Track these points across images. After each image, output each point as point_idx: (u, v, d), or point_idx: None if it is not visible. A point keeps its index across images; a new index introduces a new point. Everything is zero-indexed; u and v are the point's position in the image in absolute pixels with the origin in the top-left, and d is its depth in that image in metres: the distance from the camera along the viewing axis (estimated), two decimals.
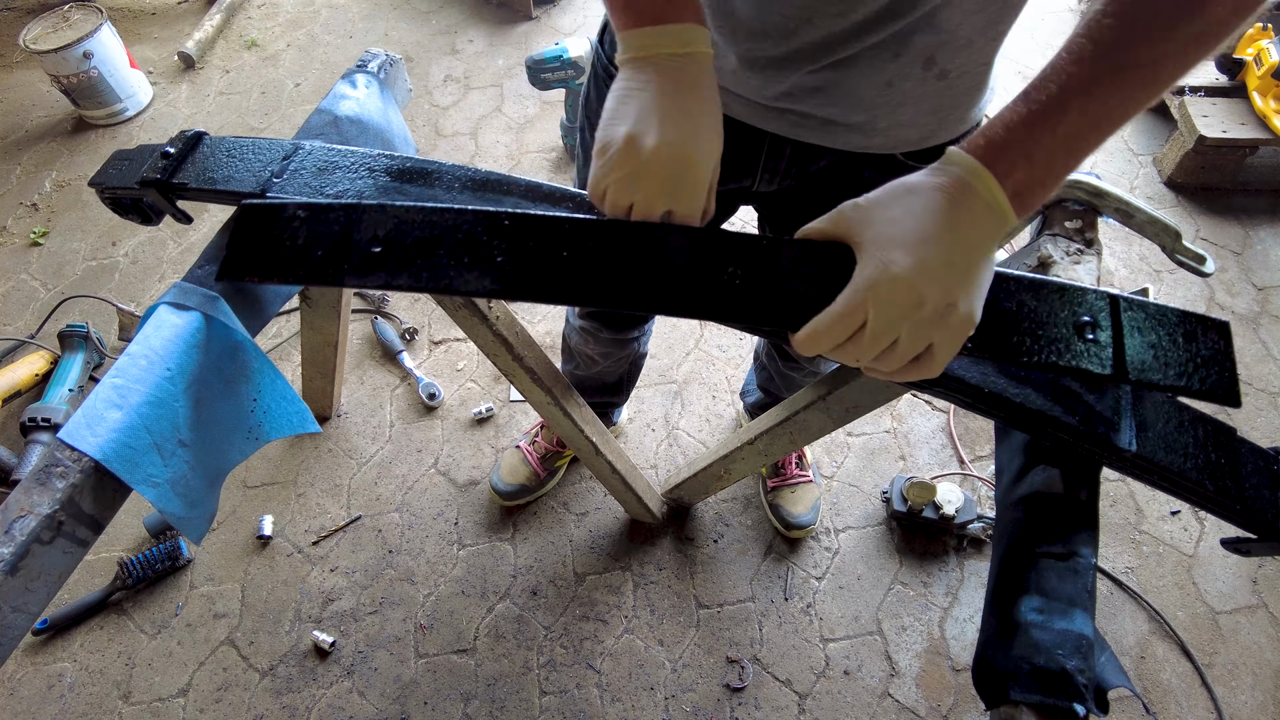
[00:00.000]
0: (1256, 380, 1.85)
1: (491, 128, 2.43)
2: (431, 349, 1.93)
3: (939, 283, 0.52)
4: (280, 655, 1.48)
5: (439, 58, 2.66)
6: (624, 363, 1.45)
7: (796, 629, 1.51)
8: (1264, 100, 2.06)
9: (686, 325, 1.95)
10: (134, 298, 2.03)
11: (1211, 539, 1.61)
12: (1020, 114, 0.53)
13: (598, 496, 1.68)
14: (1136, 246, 2.09)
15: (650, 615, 1.53)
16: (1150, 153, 2.31)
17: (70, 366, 1.80)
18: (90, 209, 2.24)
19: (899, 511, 1.57)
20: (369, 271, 0.69)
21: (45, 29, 2.34)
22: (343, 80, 1.15)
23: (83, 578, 1.57)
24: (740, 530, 1.63)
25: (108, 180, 0.95)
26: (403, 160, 0.83)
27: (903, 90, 0.75)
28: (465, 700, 1.43)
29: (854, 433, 1.78)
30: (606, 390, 1.54)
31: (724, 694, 1.44)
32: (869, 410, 1.03)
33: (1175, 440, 0.66)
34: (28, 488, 0.70)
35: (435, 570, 1.58)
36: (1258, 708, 1.42)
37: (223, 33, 2.81)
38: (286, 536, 1.63)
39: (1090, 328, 0.62)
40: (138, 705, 1.43)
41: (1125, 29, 0.51)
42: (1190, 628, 1.51)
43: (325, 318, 1.48)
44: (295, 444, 1.77)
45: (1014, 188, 0.53)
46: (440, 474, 1.72)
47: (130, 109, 2.50)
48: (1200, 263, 0.86)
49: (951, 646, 1.49)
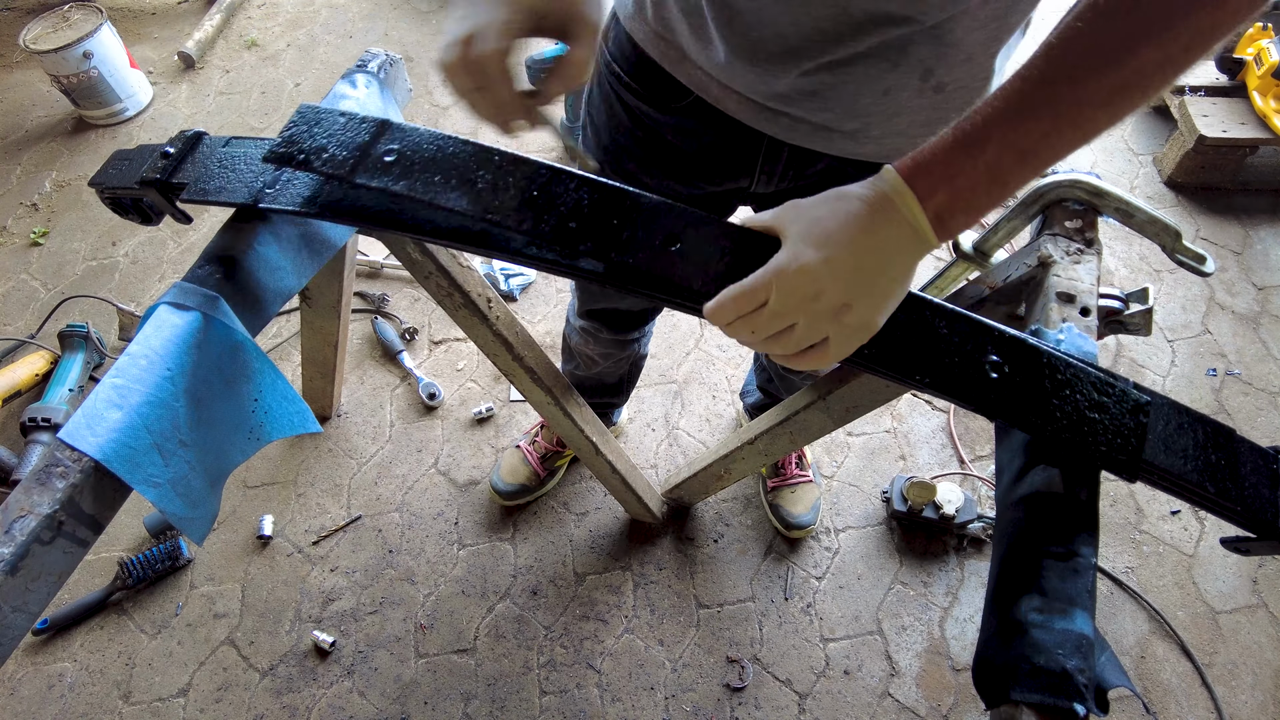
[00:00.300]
0: (1257, 380, 1.85)
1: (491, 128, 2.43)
2: (431, 349, 1.93)
3: (840, 282, 0.54)
4: (280, 655, 1.48)
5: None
6: (624, 364, 1.45)
7: (796, 629, 1.51)
8: (1264, 100, 2.06)
9: (687, 325, 1.95)
10: (134, 298, 2.03)
11: (1211, 538, 1.62)
12: (947, 139, 0.54)
13: (598, 496, 1.68)
14: (1137, 246, 2.09)
15: (650, 615, 1.53)
16: (1150, 152, 2.31)
17: (70, 366, 1.80)
18: (90, 209, 2.24)
19: (899, 511, 1.58)
20: (376, 174, 0.75)
21: (45, 29, 2.34)
22: (343, 80, 1.14)
23: (83, 578, 1.57)
24: (740, 530, 1.63)
25: (108, 180, 0.95)
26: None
27: (899, 100, 0.75)
28: (465, 700, 1.43)
29: (854, 432, 1.78)
30: (606, 391, 1.54)
31: (724, 694, 1.44)
32: (869, 410, 1.03)
33: (1175, 442, 0.66)
34: (28, 488, 0.70)
35: (435, 570, 1.58)
36: (1258, 707, 1.42)
37: (223, 32, 2.81)
38: (287, 536, 1.63)
39: (996, 367, 0.66)
40: (138, 705, 1.43)
41: (1089, 40, 0.51)
42: (1190, 627, 1.51)
43: (325, 317, 1.48)
44: (295, 444, 1.77)
45: (935, 210, 0.54)
46: (440, 474, 1.72)
47: (130, 109, 2.50)
48: (1200, 262, 0.86)
49: (951, 646, 1.49)
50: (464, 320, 1.07)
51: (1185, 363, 1.88)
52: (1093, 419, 0.65)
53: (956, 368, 0.66)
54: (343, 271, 1.37)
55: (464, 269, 1.03)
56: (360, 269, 2.04)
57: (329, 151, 0.78)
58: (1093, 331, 0.79)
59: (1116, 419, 0.66)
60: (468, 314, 1.05)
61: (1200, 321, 1.96)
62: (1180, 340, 1.92)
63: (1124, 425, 0.65)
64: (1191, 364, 1.88)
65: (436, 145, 0.76)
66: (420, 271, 1.00)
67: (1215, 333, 1.94)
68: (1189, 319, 1.96)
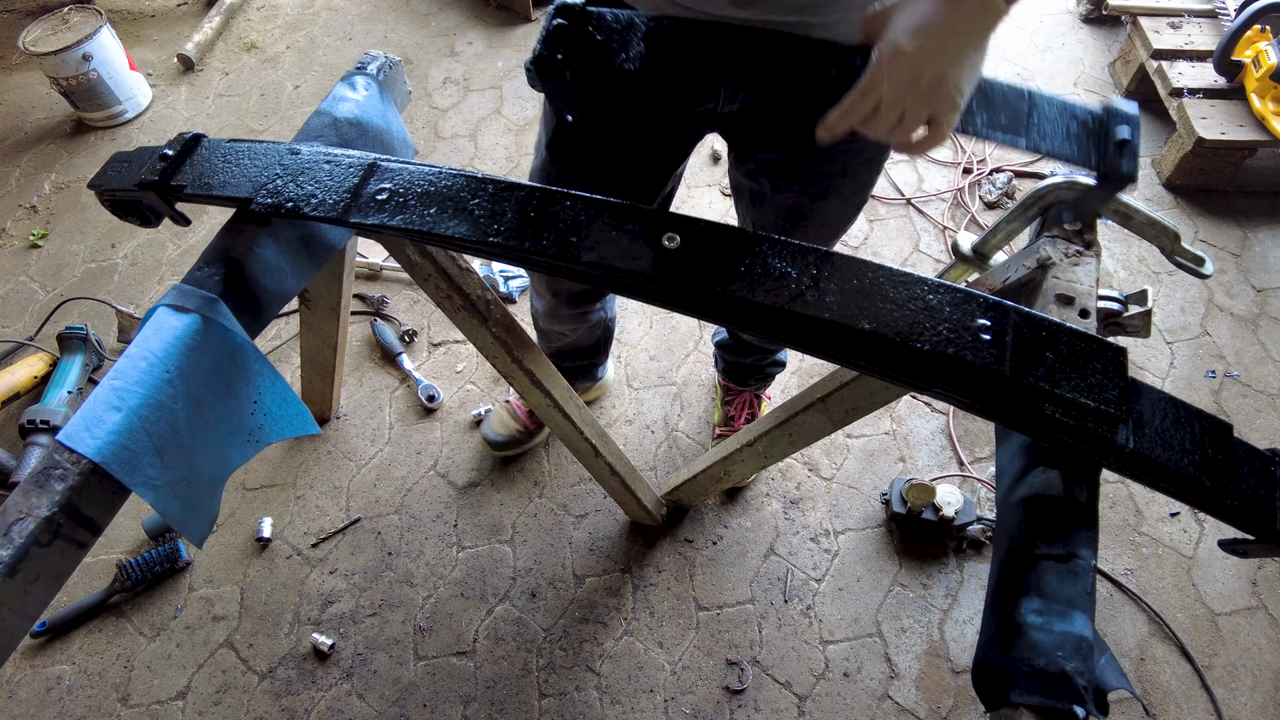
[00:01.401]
0: (1256, 382, 1.85)
1: (491, 130, 2.43)
2: (431, 351, 1.93)
3: (934, 61, 0.65)
4: (279, 657, 1.48)
5: (438, 60, 2.66)
6: (596, 329, 1.53)
7: (796, 631, 1.51)
8: (1262, 102, 2.06)
9: (686, 327, 1.95)
10: (133, 300, 2.03)
11: (1211, 541, 1.62)
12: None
13: (597, 498, 1.68)
14: (1136, 248, 2.10)
15: (650, 617, 1.53)
16: (1149, 155, 2.31)
17: (69, 369, 1.79)
18: (89, 211, 2.24)
19: (898, 513, 1.57)
20: (371, 213, 0.79)
21: (45, 31, 2.34)
22: (342, 82, 1.15)
23: (81, 580, 1.56)
24: (740, 532, 1.63)
25: (107, 182, 0.95)
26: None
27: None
28: (465, 703, 1.43)
29: (853, 435, 1.78)
30: (584, 354, 1.62)
31: (724, 696, 1.44)
32: (868, 412, 1.03)
33: (1172, 437, 0.67)
34: (26, 490, 0.70)
35: (434, 572, 1.58)
36: (1257, 709, 1.42)
37: (222, 35, 2.81)
38: (285, 539, 1.63)
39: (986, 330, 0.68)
40: (136, 708, 1.43)
41: None
42: (1190, 629, 1.51)
43: (324, 319, 1.48)
44: (294, 446, 1.77)
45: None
46: (439, 476, 1.72)
47: (129, 111, 2.50)
48: (1199, 264, 0.86)
49: (951, 648, 1.49)
50: (463, 322, 1.07)
51: (1184, 365, 1.89)
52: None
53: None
54: (342, 274, 1.37)
55: (463, 271, 1.03)
56: (359, 271, 2.04)
57: (318, 198, 0.80)
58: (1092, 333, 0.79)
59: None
60: (467, 316, 1.05)
61: (1199, 323, 1.96)
62: (1179, 342, 1.93)
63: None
64: (1190, 366, 1.88)
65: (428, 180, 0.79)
66: (419, 274, 1.00)
67: (1214, 335, 1.94)
68: (1188, 321, 1.97)
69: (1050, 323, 0.67)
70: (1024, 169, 2.27)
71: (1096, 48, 2.64)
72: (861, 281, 0.69)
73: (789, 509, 1.66)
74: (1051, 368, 0.65)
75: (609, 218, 0.75)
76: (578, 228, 0.74)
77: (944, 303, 0.68)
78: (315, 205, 0.80)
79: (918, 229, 2.17)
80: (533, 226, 0.75)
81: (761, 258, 0.71)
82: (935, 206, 2.22)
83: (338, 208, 0.79)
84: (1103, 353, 0.66)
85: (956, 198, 2.23)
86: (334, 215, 0.78)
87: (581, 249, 0.73)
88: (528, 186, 0.78)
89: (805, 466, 1.73)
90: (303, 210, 0.79)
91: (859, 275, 0.70)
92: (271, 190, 0.82)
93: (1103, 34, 2.69)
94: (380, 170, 0.82)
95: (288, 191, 0.81)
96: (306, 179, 0.82)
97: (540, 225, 0.75)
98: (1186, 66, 2.22)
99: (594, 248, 0.73)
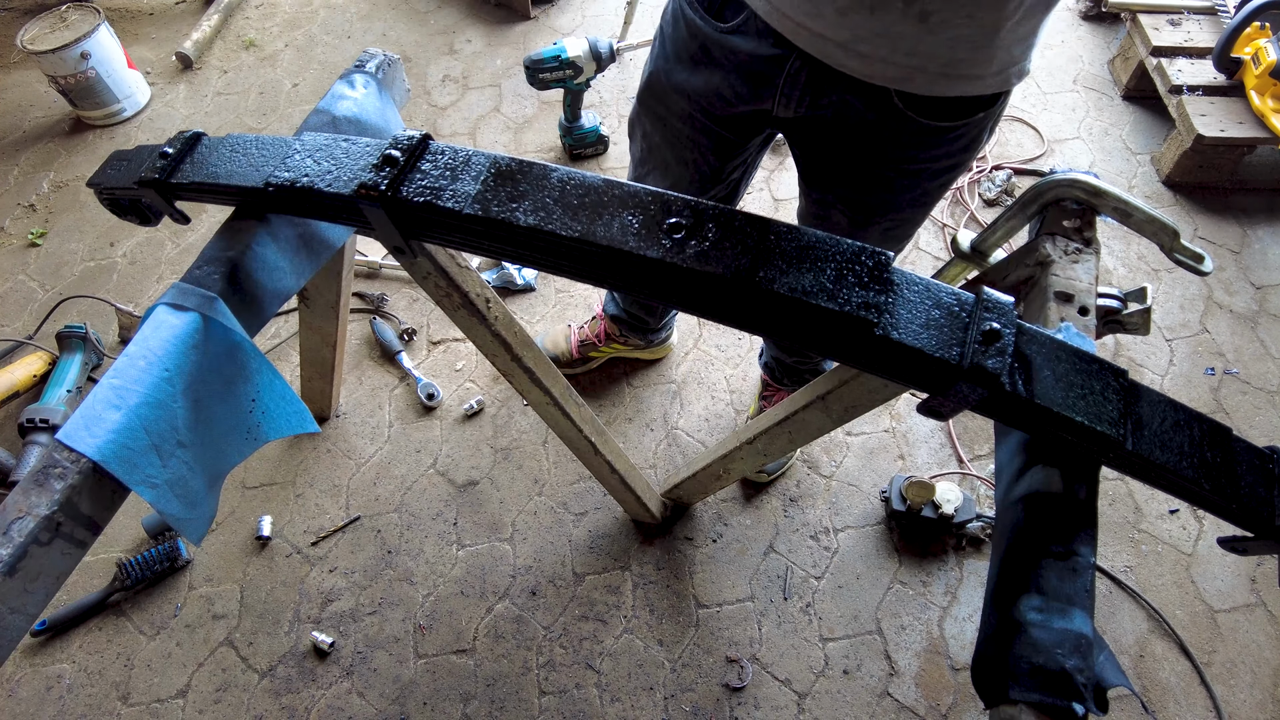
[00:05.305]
0: (1255, 379, 1.85)
1: (490, 128, 2.43)
2: (430, 349, 1.93)
3: None
4: (279, 656, 1.48)
5: (437, 58, 2.66)
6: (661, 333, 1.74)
7: (796, 628, 1.51)
8: (1261, 99, 2.06)
9: (686, 325, 1.95)
10: (132, 298, 2.03)
11: (1210, 538, 1.62)
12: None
13: (597, 496, 1.68)
14: (1135, 245, 2.10)
15: (649, 615, 1.53)
16: (1148, 152, 2.31)
17: (68, 367, 1.79)
18: (88, 209, 2.24)
19: (898, 511, 1.58)
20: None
21: (43, 29, 2.33)
22: (341, 80, 1.14)
23: (81, 579, 1.56)
24: (739, 529, 1.63)
25: (106, 181, 0.95)
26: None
27: (883, 21, 0.80)
28: (465, 701, 1.43)
29: (853, 432, 1.78)
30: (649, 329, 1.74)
31: (723, 693, 1.44)
32: (868, 409, 1.03)
33: (1171, 439, 0.67)
34: (26, 489, 0.70)
35: (434, 570, 1.58)
36: (1256, 706, 1.43)
37: (220, 33, 2.81)
38: (285, 537, 1.63)
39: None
40: (136, 706, 1.43)
41: None
42: (1189, 626, 1.51)
43: (324, 318, 1.48)
44: (294, 444, 1.77)
45: None
46: (439, 474, 1.72)
47: (128, 109, 2.49)
48: (1198, 261, 0.86)
49: (951, 645, 1.49)
50: (462, 320, 1.07)
51: (1183, 362, 1.89)
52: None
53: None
54: (341, 272, 1.37)
55: (462, 269, 1.03)
56: (358, 269, 2.04)
57: (333, 174, 0.81)
58: (1091, 331, 0.79)
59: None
60: (466, 314, 1.05)
61: (1198, 320, 1.96)
62: (1178, 339, 1.93)
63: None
64: (1190, 363, 1.88)
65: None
66: (418, 272, 1.00)
67: (1213, 332, 1.94)
68: (1187, 318, 1.97)
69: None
70: (1024, 166, 2.27)
71: (1096, 45, 2.64)
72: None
73: (788, 506, 1.67)
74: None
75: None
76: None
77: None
78: (330, 182, 0.79)
79: None
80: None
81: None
82: None
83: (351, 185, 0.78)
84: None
85: (955, 195, 2.23)
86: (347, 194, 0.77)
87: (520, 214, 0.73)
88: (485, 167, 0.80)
89: (805, 464, 1.73)
90: (318, 186, 0.78)
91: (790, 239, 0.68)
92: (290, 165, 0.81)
93: (1102, 31, 2.69)
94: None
95: (304, 167, 0.81)
96: (323, 155, 0.82)
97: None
98: (1186, 63, 2.22)
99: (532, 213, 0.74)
